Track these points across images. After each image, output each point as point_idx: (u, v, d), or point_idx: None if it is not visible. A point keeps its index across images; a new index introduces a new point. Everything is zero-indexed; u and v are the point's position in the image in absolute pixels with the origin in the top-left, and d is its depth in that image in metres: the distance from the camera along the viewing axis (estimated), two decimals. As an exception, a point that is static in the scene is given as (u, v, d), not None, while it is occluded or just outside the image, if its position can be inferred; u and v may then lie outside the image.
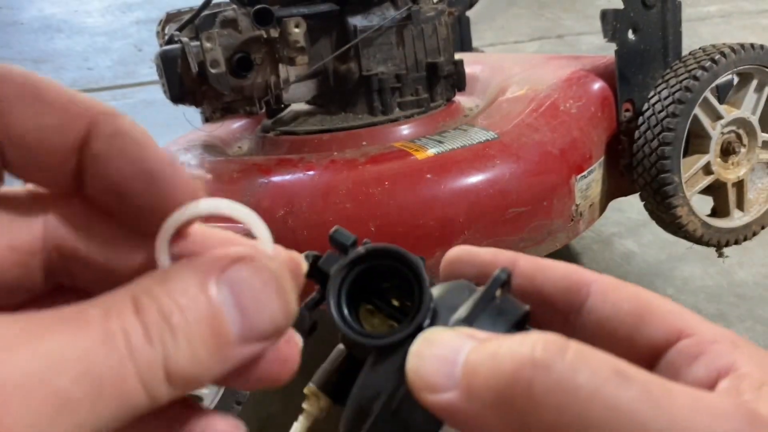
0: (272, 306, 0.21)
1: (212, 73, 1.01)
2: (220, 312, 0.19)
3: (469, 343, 0.21)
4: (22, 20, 3.85)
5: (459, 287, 0.26)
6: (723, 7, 3.14)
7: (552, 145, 1.04)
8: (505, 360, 0.19)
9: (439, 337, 0.22)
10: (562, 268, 0.28)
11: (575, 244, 1.49)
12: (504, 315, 0.24)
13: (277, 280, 0.21)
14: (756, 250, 1.37)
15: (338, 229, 0.27)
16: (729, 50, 1.06)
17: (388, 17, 1.09)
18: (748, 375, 0.22)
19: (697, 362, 0.23)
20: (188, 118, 1.33)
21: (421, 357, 0.21)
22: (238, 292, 0.20)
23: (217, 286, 0.20)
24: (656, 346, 0.25)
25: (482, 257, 0.29)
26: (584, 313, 0.27)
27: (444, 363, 0.21)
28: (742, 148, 1.12)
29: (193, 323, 0.19)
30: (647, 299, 0.26)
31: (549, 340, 0.20)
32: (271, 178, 0.99)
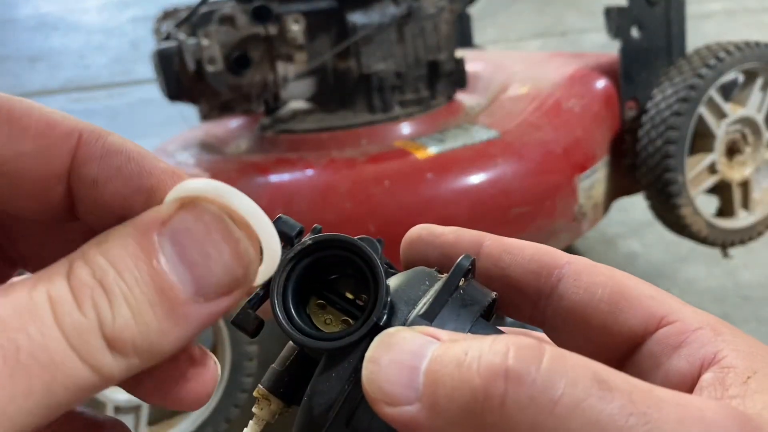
0: (223, 254, 0.19)
1: (209, 70, 1.00)
2: (161, 269, 0.18)
3: (431, 346, 0.19)
4: (18, 18, 3.83)
5: (419, 276, 0.24)
6: (728, 4, 3.13)
7: (555, 143, 1.03)
8: (473, 369, 0.17)
9: (398, 339, 0.19)
10: (530, 249, 0.25)
11: (578, 245, 1.48)
12: (468, 307, 0.22)
13: (223, 223, 0.19)
14: (761, 251, 1.36)
15: (282, 217, 0.24)
16: (734, 48, 1.05)
17: (388, 14, 1.08)
18: (732, 367, 0.20)
19: (678, 353, 0.22)
20: (185, 117, 1.32)
21: (377, 363, 0.19)
22: (181, 244, 0.18)
23: (158, 241, 0.18)
24: (634, 335, 0.23)
25: (444, 238, 0.27)
26: (555, 298, 0.24)
27: (404, 371, 0.18)
28: (747, 147, 1.11)
29: (133, 284, 0.17)
30: (624, 283, 0.24)
31: (522, 345, 0.17)
32: (270, 177, 0.98)
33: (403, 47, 1.10)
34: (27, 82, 3.01)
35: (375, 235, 0.27)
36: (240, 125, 1.25)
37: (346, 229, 1.05)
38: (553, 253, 0.25)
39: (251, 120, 1.23)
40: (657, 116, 1.05)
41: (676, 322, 0.22)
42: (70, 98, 2.81)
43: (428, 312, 0.21)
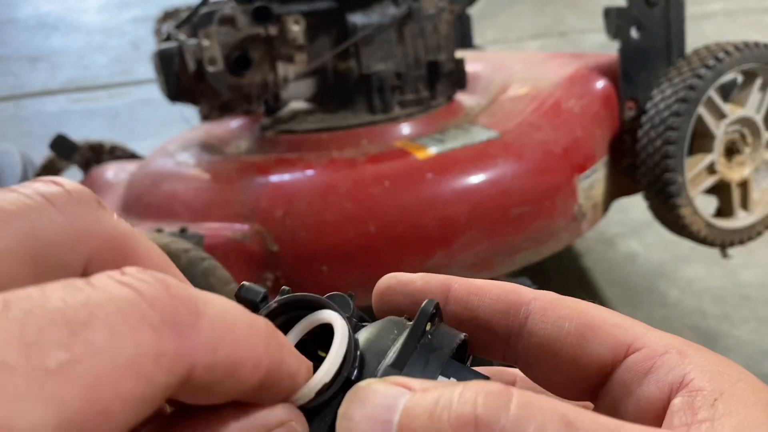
0: None
1: (210, 71, 1.00)
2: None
3: (403, 397, 0.19)
4: (18, 18, 3.83)
5: (388, 326, 0.24)
6: (727, 5, 3.13)
7: (554, 144, 1.03)
8: (444, 420, 0.18)
9: (369, 392, 0.19)
10: (496, 289, 0.26)
11: (578, 245, 1.48)
12: (437, 351, 0.22)
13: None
14: (761, 251, 1.36)
15: (245, 285, 0.24)
16: (733, 48, 1.05)
17: (389, 15, 1.08)
18: (700, 389, 0.20)
19: (647, 379, 0.22)
20: (186, 117, 1.32)
21: (351, 420, 0.19)
22: None
23: None
24: (604, 365, 0.23)
25: (413, 285, 0.27)
26: (525, 335, 0.25)
27: (377, 426, 0.19)
28: (746, 147, 1.11)
29: None
30: (589, 314, 0.24)
31: (490, 392, 0.18)
32: (270, 177, 0.98)
33: (403, 48, 1.10)
34: (27, 82, 3.01)
35: (375, 236, 0.27)
36: (240, 125, 1.25)
37: (346, 229, 1.05)
38: (519, 291, 0.25)
39: (251, 120, 1.23)
40: (656, 116, 1.05)
41: (643, 349, 0.23)
42: (70, 98, 2.81)
43: (397, 361, 0.22)
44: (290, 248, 0.93)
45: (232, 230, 0.94)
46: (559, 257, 1.12)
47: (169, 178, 1.06)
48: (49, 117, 2.62)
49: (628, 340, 0.23)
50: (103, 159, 1.32)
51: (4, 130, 2.52)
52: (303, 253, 0.93)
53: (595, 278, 1.36)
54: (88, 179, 1.26)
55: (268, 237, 0.93)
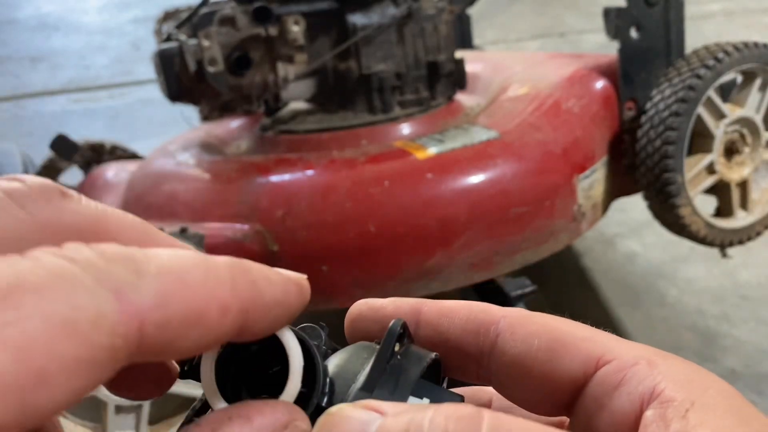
0: None
1: (210, 71, 1.00)
2: None
3: (375, 422, 0.19)
4: (19, 18, 3.84)
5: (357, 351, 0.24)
6: (726, 5, 3.13)
7: (554, 144, 1.03)
8: None
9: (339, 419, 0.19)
10: (465, 311, 0.26)
11: (578, 245, 1.48)
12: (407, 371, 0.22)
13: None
14: (760, 251, 1.36)
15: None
16: (732, 49, 1.05)
17: (389, 15, 1.08)
18: (671, 400, 0.20)
19: (618, 391, 0.22)
20: (186, 117, 1.32)
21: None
22: None
23: None
24: (575, 379, 0.23)
25: (384, 311, 0.27)
26: (496, 354, 0.25)
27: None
28: (745, 147, 1.11)
29: None
30: (558, 329, 0.24)
31: (461, 416, 0.18)
32: (270, 177, 0.98)
33: (403, 48, 1.10)
34: (28, 82, 3.01)
35: (375, 236, 0.27)
36: (240, 126, 1.26)
37: (346, 229, 1.05)
38: (488, 310, 0.25)
39: (252, 120, 1.24)
40: (656, 117, 1.05)
41: (612, 361, 0.22)
42: (70, 98, 2.81)
43: (367, 383, 0.21)
44: (290, 248, 0.93)
45: (233, 230, 0.94)
46: (558, 257, 1.12)
47: (170, 178, 1.06)
48: (50, 117, 2.62)
49: (598, 353, 0.23)
50: (104, 159, 1.32)
51: (4, 130, 2.52)
52: (303, 253, 0.93)
53: (595, 278, 1.37)
54: (89, 179, 1.26)
55: (268, 237, 0.93)
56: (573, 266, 1.42)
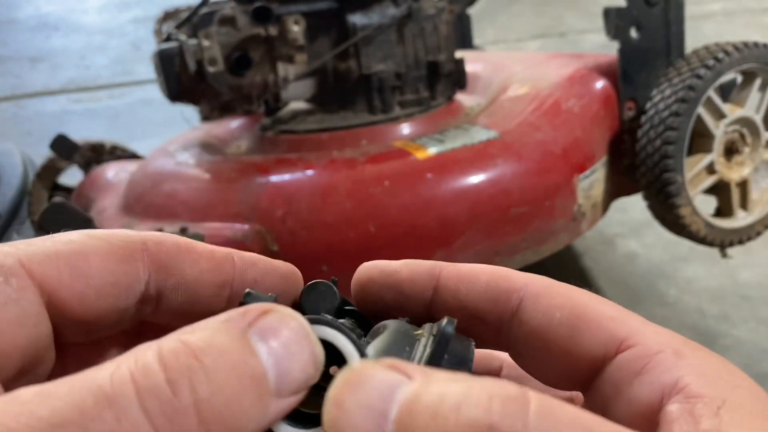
0: (303, 355, 0.19)
1: (210, 71, 1.00)
2: (256, 361, 0.18)
3: (402, 389, 0.17)
4: (19, 18, 3.83)
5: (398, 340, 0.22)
6: (727, 5, 3.13)
7: (554, 144, 1.03)
8: (450, 423, 0.16)
9: (363, 377, 0.17)
10: (486, 276, 0.25)
11: (577, 245, 1.48)
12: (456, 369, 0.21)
13: (305, 329, 0.19)
14: (760, 251, 1.36)
15: (250, 292, 0.23)
16: (732, 49, 1.05)
17: (388, 15, 1.08)
18: (699, 396, 0.19)
19: (639, 379, 0.21)
20: (186, 117, 1.32)
21: (341, 407, 0.17)
22: (268, 341, 0.18)
23: (250, 335, 0.18)
24: (595, 359, 0.22)
25: (398, 276, 0.26)
26: (516, 323, 0.24)
27: (371, 418, 0.17)
28: (745, 147, 1.11)
29: (229, 370, 0.17)
30: (583, 304, 0.23)
31: (506, 396, 0.16)
32: (270, 177, 0.98)
33: (403, 48, 1.10)
34: (28, 82, 3.01)
35: (375, 236, 0.27)
36: (240, 126, 1.26)
37: (346, 229, 1.05)
38: (510, 277, 0.24)
39: (252, 120, 1.24)
40: (656, 117, 1.05)
41: (636, 346, 0.21)
42: (70, 98, 2.81)
43: None
44: (290, 248, 0.93)
45: (233, 230, 0.94)
46: (558, 257, 1.12)
47: (170, 178, 1.06)
48: (50, 117, 2.62)
49: (622, 335, 0.22)
50: (104, 159, 1.32)
51: (4, 130, 2.52)
52: (303, 253, 0.93)
53: (595, 278, 1.37)
54: (89, 179, 1.26)
55: (268, 237, 0.93)
56: (573, 266, 1.42)
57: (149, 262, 0.24)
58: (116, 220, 1.05)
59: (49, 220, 0.92)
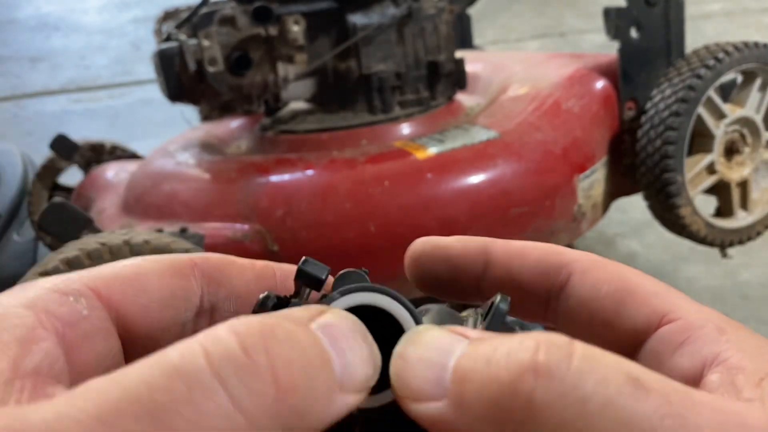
0: (363, 352, 0.19)
1: (210, 71, 1.00)
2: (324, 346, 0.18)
3: (460, 344, 0.18)
4: (19, 18, 3.84)
5: (445, 317, 0.23)
6: (726, 5, 3.13)
7: (554, 144, 1.03)
8: (502, 366, 0.17)
9: (426, 336, 0.19)
10: (538, 251, 0.26)
11: (578, 245, 1.48)
12: None
13: (362, 329, 0.20)
14: (760, 251, 1.36)
15: (308, 260, 0.23)
16: (732, 49, 1.05)
17: (388, 15, 1.08)
18: (740, 368, 0.20)
19: (680, 350, 0.22)
20: (186, 117, 1.32)
21: (405, 360, 0.19)
22: (332, 335, 0.19)
23: (313, 326, 0.18)
24: (637, 332, 0.23)
25: (451, 250, 0.27)
26: (564, 297, 0.24)
27: (431, 367, 0.18)
28: (746, 147, 1.11)
29: (300, 345, 0.17)
30: (629, 279, 0.24)
31: (552, 342, 0.17)
32: (270, 177, 0.98)
33: (403, 48, 1.10)
34: (28, 82, 3.01)
35: (375, 236, 0.27)
36: (240, 126, 1.26)
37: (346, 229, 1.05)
38: (560, 251, 0.25)
39: (252, 120, 1.24)
40: (656, 117, 1.05)
41: (679, 320, 0.22)
42: (70, 98, 2.81)
43: None
44: (290, 248, 0.93)
45: (233, 230, 0.94)
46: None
47: (170, 178, 1.06)
48: (50, 117, 2.62)
49: (665, 310, 0.23)
50: (104, 159, 1.32)
51: (4, 130, 2.52)
52: (303, 253, 0.92)
53: (595, 278, 1.37)
54: (89, 179, 1.26)
55: (268, 237, 0.93)
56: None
57: (200, 276, 0.25)
58: (116, 220, 1.05)
59: (49, 220, 0.92)
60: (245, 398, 0.16)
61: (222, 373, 0.16)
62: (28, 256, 1.33)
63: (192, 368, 0.16)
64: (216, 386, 0.16)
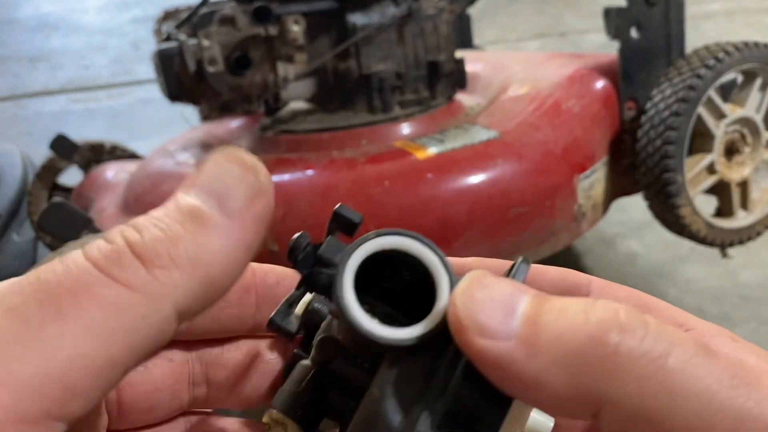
0: (234, 171, 0.22)
1: (210, 71, 1.00)
2: (185, 198, 0.21)
3: (524, 295, 0.19)
4: (18, 18, 3.83)
5: None
6: (727, 5, 3.13)
7: (554, 144, 1.03)
8: (581, 320, 0.18)
9: (491, 281, 0.19)
10: (555, 271, 0.27)
11: (578, 245, 1.48)
12: None
13: (237, 154, 0.22)
14: (760, 251, 1.36)
15: (343, 205, 0.24)
16: (733, 48, 1.05)
17: (388, 15, 1.08)
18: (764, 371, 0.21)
19: None
20: (186, 117, 1.32)
21: (472, 297, 0.19)
22: (201, 184, 0.21)
23: (187, 193, 0.21)
24: None
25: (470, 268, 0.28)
26: None
27: (500, 308, 0.18)
28: (746, 147, 1.11)
29: (161, 215, 0.20)
30: (646, 296, 0.25)
31: (628, 308, 0.18)
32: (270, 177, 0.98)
33: (403, 48, 1.10)
34: (27, 82, 3.01)
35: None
36: (240, 126, 1.25)
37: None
38: (578, 273, 0.27)
39: (252, 120, 1.23)
40: (656, 116, 1.05)
41: (695, 329, 0.23)
42: (70, 98, 2.81)
43: None
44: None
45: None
46: (559, 257, 1.12)
47: (169, 178, 1.06)
48: (50, 117, 2.62)
49: (681, 321, 0.24)
50: (103, 159, 1.32)
51: (4, 130, 2.52)
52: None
53: (595, 278, 1.36)
54: (88, 179, 1.26)
55: (268, 237, 0.93)
56: (573, 266, 1.41)
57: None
58: (116, 220, 1.05)
59: (48, 220, 0.92)
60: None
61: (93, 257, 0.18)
62: (28, 256, 1.33)
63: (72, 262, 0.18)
64: (105, 278, 0.18)
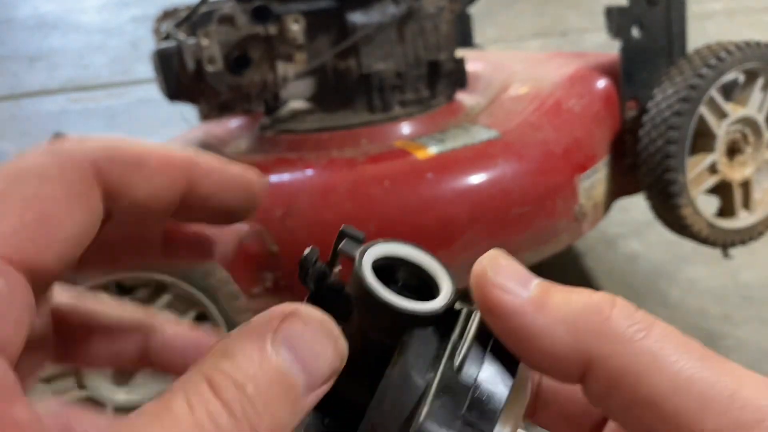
0: (327, 352, 0.21)
1: (209, 70, 0.99)
2: (285, 371, 0.20)
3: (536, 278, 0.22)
4: (17, 17, 3.83)
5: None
6: (728, 4, 3.13)
7: (555, 144, 1.03)
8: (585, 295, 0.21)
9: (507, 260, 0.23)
10: None
11: (579, 245, 1.47)
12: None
13: (325, 325, 0.22)
14: (762, 251, 1.36)
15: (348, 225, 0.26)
16: (734, 48, 1.05)
17: (388, 14, 1.08)
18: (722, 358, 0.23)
19: None
20: (185, 117, 1.32)
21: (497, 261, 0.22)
22: (295, 347, 0.21)
23: (275, 348, 0.21)
24: None
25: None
26: None
27: (518, 277, 0.22)
28: (748, 147, 1.10)
29: (266, 388, 0.20)
30: None
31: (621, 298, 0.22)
32: (270, 177, 0.98)
33: (403, 47, 1.10)
34: (26, 81, 3.00)
35: (375, 236, 0.27)
36: (240, 125, 1.25)
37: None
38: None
39: (251, 120, 1.23)
40: (657, 116, 1.04)
41: None
42: (69, 98, 2.81)
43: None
44: (290, 248, 0.92)
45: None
46: (559, 257, 1.12)
47: (168, 178, 1.06)
48: (48, 117, 2.62)
49: None
50: (102, 159, 1.31)
51: (2, 129, 2.52)
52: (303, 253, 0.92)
53: (596, 278, 1.36)
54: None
55: (267, 237, 0.93)
56: (574, 266, 1.41)
57: (101, 188, 0.24)
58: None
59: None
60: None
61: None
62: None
63: None
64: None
